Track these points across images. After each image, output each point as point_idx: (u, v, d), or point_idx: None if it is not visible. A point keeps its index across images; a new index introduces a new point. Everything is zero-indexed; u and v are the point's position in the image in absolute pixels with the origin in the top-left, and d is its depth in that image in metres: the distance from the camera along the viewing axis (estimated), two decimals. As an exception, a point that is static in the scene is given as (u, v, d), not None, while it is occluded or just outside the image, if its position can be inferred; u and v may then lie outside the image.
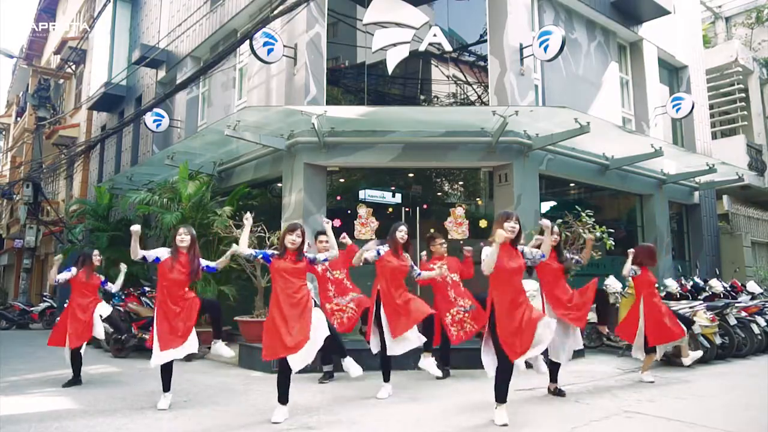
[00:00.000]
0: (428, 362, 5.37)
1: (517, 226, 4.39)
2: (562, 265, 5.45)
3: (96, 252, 6.53)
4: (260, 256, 4.78)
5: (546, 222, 4.63)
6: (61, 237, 16.84)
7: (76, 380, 6.12)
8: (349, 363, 5.39)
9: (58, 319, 6.28)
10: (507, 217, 4.41)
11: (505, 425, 4.21)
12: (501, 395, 4.29)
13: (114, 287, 6.66)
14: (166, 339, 4.86)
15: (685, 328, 6.01)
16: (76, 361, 6.14)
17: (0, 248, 26.72)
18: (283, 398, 4.50)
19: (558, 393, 5.31)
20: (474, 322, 6.15)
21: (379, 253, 5.27)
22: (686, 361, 6.10)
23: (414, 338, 5.28)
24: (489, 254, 4.27)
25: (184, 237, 5.08)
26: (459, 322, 6.15)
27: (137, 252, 4.90)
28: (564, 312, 5.26)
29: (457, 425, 4.39)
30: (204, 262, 5.17)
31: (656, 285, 6.21)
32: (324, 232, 6.14)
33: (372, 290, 5.40)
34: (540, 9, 9.87)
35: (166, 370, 4.94)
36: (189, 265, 5.01)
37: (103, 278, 6.52)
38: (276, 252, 4.77)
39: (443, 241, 6.38)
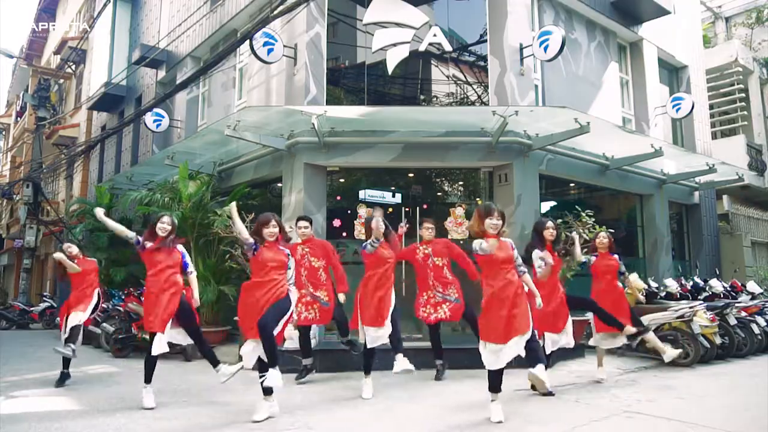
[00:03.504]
0: (400, 363, 5.30)
1: (500, 222, 4.42)
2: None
3: (67, 244, 6.45)
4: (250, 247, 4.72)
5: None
6: (61, 237, 16.83)
7: (64, 375, 6.14)
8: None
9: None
10: (489, 213, 4.41)
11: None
12: (493, 387, 4.41)
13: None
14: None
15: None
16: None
17: (0, 248, 26.73)
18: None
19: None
20: (450, 312, 6.10)
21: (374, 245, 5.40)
22: (666, 357, 6.17)
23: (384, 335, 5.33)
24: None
25: (166, 226, 5.20)
26: (433, 305, 6.13)
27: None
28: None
29: (454, 425, 4.38)
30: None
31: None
32: (305, 218, 6.32)
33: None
34: (540, 9, 9.86)
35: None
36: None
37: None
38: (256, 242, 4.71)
39: (430, 225, 6.37)
